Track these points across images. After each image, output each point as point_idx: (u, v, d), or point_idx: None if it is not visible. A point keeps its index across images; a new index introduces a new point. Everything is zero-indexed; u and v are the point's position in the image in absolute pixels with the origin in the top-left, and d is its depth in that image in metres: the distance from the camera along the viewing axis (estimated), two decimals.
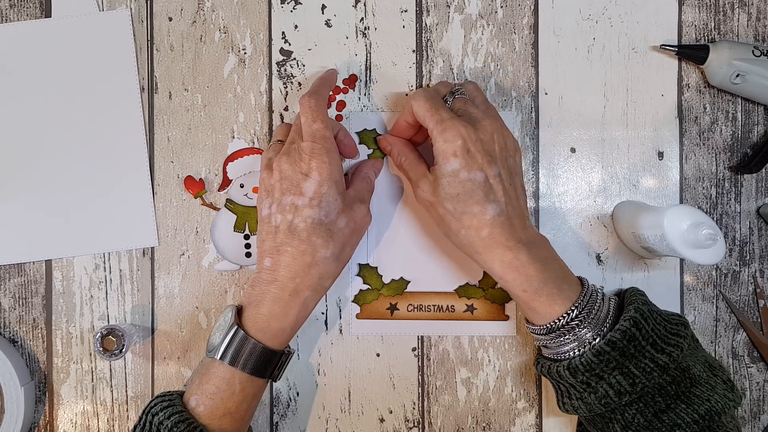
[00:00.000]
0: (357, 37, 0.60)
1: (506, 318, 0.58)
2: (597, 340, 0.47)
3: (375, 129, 0.59)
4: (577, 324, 0.47)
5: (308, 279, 0.49)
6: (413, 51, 0.60)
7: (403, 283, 0.59)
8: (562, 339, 0.48)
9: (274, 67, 0.60)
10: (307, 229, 0.49)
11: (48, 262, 0.59)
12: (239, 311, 0.50)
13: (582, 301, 0.48)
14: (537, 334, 0.50)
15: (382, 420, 0.59)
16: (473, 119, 0.51)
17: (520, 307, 0.50)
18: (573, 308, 0.47)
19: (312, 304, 0.51)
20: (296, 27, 0.60)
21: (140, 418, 0.48)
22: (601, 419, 0.48)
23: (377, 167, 0.58)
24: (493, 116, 0.52)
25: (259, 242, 0.51)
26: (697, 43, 0.59)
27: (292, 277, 0.49)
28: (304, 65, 0.60)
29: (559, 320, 0.47)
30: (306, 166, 0.49)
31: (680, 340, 0.47)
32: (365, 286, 0.59)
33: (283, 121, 0.59)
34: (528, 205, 0.53)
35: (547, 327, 0.48)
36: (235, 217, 0.59)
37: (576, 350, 0.48)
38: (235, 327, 0.48)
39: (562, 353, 0.48)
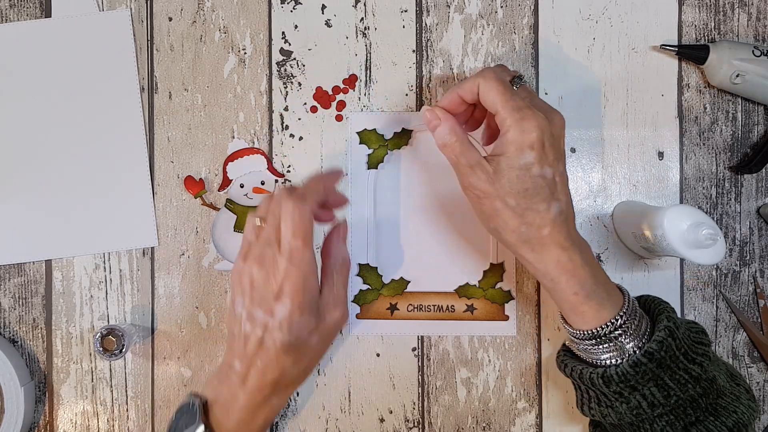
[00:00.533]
0: (357, 37, 0.60)
1: (506, 318, 0.58)
2: (636, 351, 0.46)
3: (375, 129, 0.59)
4: (621, 333, 0.46)
5: (276, 390, 0.48)
6: (413, 51, 0.60)
7: (403, 283, 0.59)
8: (603, 347, 0.47)
9: (274, 67, 0.60)
10: (276, 349, 0.46)
11: (48, 262, 0.59)
12: (204, 405, 0.48)
13: (627, 309, 0.46)
14: (577, 338, 0.48)
15: (382, 420, 0.59)
16: (545, 110, 0.47)
17: (564, 311, 0.48)
18: (619, 316, 0.46)
19: (279, 408, 0.50)
20: (296, 27, 0.60)
21: None
22: (630, 426, 0.47)
23: (346, 231, 0.54)
24: (556, 110, 0.49)
25: (229, 336, 0.49)
26: (697, 43, 0.59)
27: (260, 389, 0.47)
28: (304, 65, 0.60)
29: (605, 327, 0.46)
30: (278, 288, 0.46)
31: (706, 349, 0.47)
32: (365, 286, 0.59)
33: (283, 121, 0.59)
34: None
35: (592, 332, 0.47)
36: (235, 217, 0.59)
37: (615, 359, 0.46)
38: (203, 428, 0.47)
39: (599, 360, 0.47)
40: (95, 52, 0.59)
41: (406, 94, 0.60)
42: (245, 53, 0.60)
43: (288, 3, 0.60)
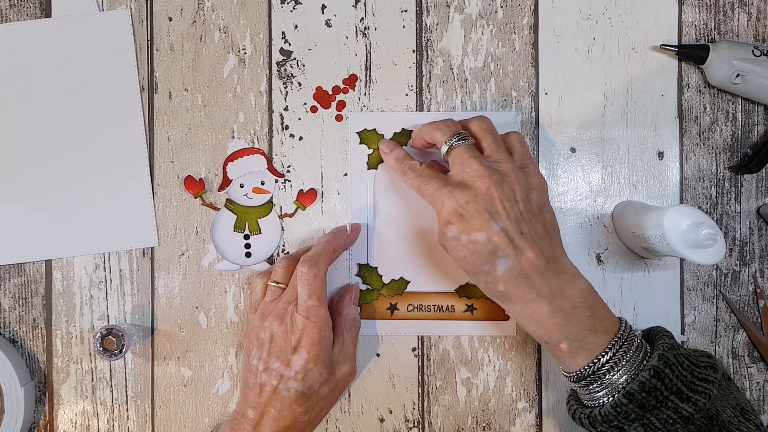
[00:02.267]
0: (357, 37, 0.60)
1: (506, 318, 0.58)
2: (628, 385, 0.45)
3: (375, 129, 0.59)
4: (607, 370, 0.46)
5: None
6: (413, 51, 0.60)
7: (403, 283, 0.59)
8: (591, 387, 0.47)
9: (274, 67, 0.60)
10: (290, 398, 0.51)
11: (48, 262, 0.59)
12: None
13: (609, 349, 0.46)
14: (568, 379, 0.49)
15: (382, 420, 0.59)
16: (466, 176, 0.49)
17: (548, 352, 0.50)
18: (596, 359, 0.46)
19: None
20: (296, 27, 0.60)
21: None
22: None
23: (357, 296, 0.58)
24: (498, 162, 0.49)
25: (243, 386, 0.54)
26: (697, 43, 0.59)
27: None
28: (304, 65, 0.60)
29: (585, 369, 0.46)
30: (296, 341, 0.51)
31: (708, 387, 0.45)
32: (365, 286, 0.59)
33: (283, 121, 0.59)
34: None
35: (575, 375, 0.47)
36: (235, 217, 0.59)
37: (608, 396, 0.46)
38: None
39: (594, 399, 0.47)
40: (95, 52, 0.59)
41: (406, 94, 0.60)
42: (245, 53, 0.60)
43: (288, 3, 0.60)
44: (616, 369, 0.46)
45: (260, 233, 0.59)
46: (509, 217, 0.47)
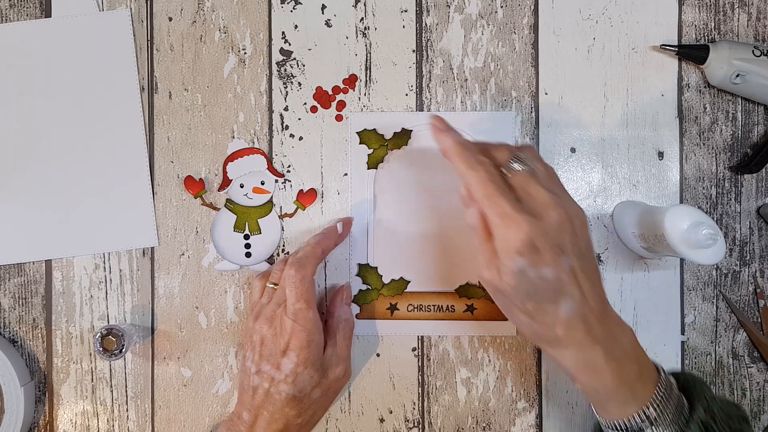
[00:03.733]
0: (357, 37, 0.60)
1: (506, 318, 0.58)
2: None
3: (375, 129, 0.59)
4: (651, 424, 0.44)
5: None
6: (413, 51, 0.60)
7: (403, 283, 0.59)
8: None
9: (274, 67, 0.60)
10: (281, 401, 0.51)
11: (48, 262, 0.59)
12: None
13: (655, 399, 0.44)
14: (606, 427, 0.47)
15: (382, 420, 0.59)
16: (537, 205, 0.44)
17: (589, 401, 0.48)
18: (645, 408, 0.44)
19: None
20: (296, 27, 0.60)
21: None
22: None
23: (350, 295, 0.58)
24: (557, 194, 0.45)
25: (239, 387, 0.54)
26: (697, 43, 0.59)
27: None
28: (304, 65, 0.60)
29: (632, 420, 0.45)
30: (284, 344, 0.51)
31: None
32: (365, 286, 0.59)
33: (283, 121, 0.59)
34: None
35: (618, 425, 0.45)
36: (235, 217, 0.59)
37: None
38: None
39: None
40: (95, 52, 0.59)
41: (406, 94, 0.60)
42: (245, 53, 0.60)
43: (288, 3, 0.60)
44: (661, 419, 0.44)
45: (260, 233, 0.59)
46: (575, 254, 0.44)
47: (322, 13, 0.60)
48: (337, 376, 0.53)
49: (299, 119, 0.59)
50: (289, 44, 0.60)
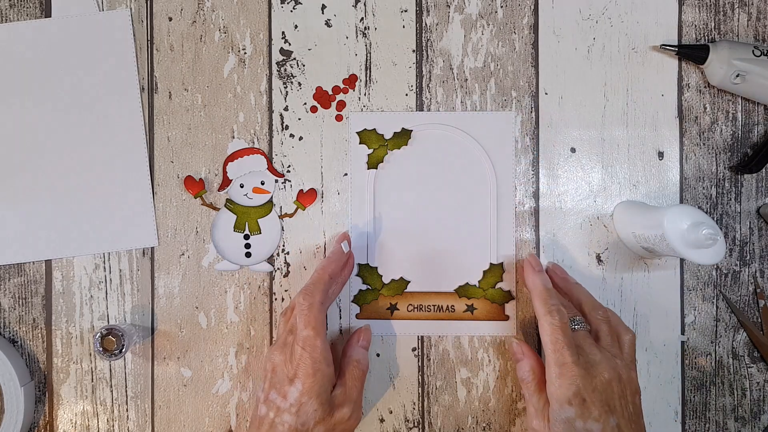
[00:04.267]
0: (357, 37, 0.60)
1: (506, 318, 0.58)
2: None
3: (375, 129, 0.59)
4: None
5: None
6: (413, 51, 0.60)
7: (403, 283, 0.59)
8: None
9: (274, 67, 0.60)
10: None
11: (48, 262, 0.59)
12: None
13: None
14: None
15: (382, 420, 0.59)
16: (591, 362, 0.49)
17: None
18: None
19: None
20: (296, 27, 0.60)
21: None
22: None
23: (367, 339, 0.57)
24: (614, 357, 0.50)
25: (250, 420, 0.54)
26: (697, 43, 0.59)
27: None
28: (304, 65, 0.60)
29: None
30: (293, 372, 0.50)
31: None
32: (365, 286, 0.59)
33: (283, 121, 0.59)
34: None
35: None
36: (235, 217, 0.59)
37: None
38: None
39: None
40: (95, 52, 0.59)
41: (406, 94, 0.60)
42: (245, 53, 0.60)
43: (288, 3, 0.60)
44: None
45: (260, 233, 0.59)
46: (623, 415, 0.48)
47: (322, 13, 0.60)
48: (342, 417, 0.51)
49: (299, 119, 0.59)
50: (289, 44, 0.60)
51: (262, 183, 0.59)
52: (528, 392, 0.52)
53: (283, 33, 0.60)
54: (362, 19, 0.60)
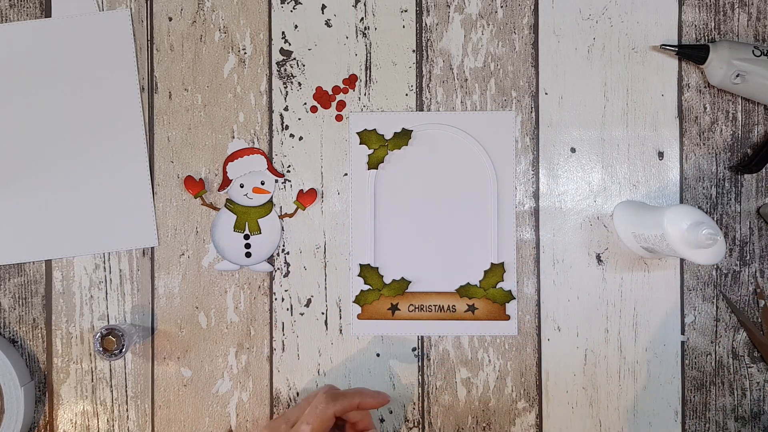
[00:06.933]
0: (357, 37, 0.60)
1: (507, 318, 0.58)
2: None
3: (375, 129, 0.59)
4: None
5: None
6: (413, 51, 0.60)
7: (404, 283, 0.59)
8: None
9: (274, 67, 0.60)
10: None
11: (48, 262, 0.59)
12: None
13: None
14: None
15: (382, 420, 0.59)
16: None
17: None
18: None
19: None
20: (296, 27, 0.60)
21: None
22: None
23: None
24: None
25: None
26: (697, 43, 0.59)
27: None
28: (304, 65, 0.60)
29: None
30: None
31: None
32: (366, 287, 0.59)
33: (283, 121, 0.59)
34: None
35: None
36: (235, 217, 0.59)
37: None
38: None
39: None
40: (95, 52, 0.59)
41: (406, 94, 0.60)
42: (245, 53, 0.60)
43: (288, 3, 0.60)
44: None
45: (260, 233, 0.59)
46: None
47: (322, 13, 0.60)
48: None
49: (299, 119, 0.59)
50: (289, 44, 0.60)
51: (262, 183, 0.59)
52: None
53: (283, 33, 0.60)
54: (362, 19, 0.60)
